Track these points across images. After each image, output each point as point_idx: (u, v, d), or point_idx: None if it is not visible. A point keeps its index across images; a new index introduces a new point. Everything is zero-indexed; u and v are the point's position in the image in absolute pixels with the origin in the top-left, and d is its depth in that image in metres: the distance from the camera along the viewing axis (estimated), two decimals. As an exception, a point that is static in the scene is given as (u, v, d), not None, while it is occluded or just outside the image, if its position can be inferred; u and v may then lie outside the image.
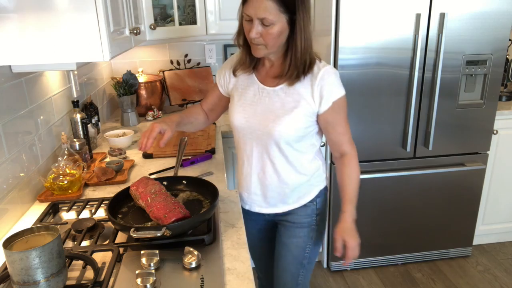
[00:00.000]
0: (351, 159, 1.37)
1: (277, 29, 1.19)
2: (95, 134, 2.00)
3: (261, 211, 1.48)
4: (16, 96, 1.40)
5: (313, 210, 1.45)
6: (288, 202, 1.44)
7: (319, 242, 1.52)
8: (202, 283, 0.98)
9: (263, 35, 1.21)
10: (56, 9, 1.18)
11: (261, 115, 1.32)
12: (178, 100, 2.58)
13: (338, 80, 1.30)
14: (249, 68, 1.37)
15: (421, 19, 2.12)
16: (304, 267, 1.51)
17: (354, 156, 1.38)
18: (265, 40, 1.22)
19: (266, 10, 1.17)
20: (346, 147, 1.37)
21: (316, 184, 1.45)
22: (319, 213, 1.47)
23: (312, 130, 1.35)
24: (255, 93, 1.35)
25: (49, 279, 0.91)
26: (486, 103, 2.35)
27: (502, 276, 2.54)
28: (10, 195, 1.31)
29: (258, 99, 1.34)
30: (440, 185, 2.47)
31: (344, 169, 1.37)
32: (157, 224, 1.15)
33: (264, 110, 1.32)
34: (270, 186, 1.41)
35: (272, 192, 1.42)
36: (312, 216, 1.46)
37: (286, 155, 1.35)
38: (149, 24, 2.13)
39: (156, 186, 1.24)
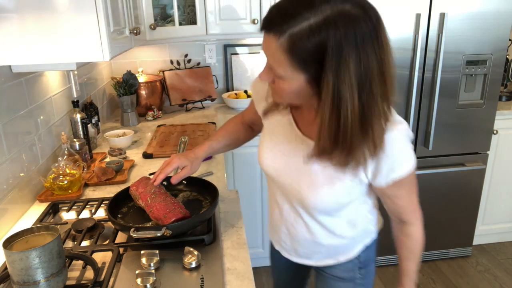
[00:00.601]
0: (414, 230, 1.08)
1: (289, 86, 0.85)
2: (95, 134, 2.00)
3: (291, 259, 1.24)
4: (16, 96, 1.40)
5: (355, 265, 1.18)
6: (324, 259, 1.19)
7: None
8: (202, 283, 0.98)
9: (276, 85, 0.88)
10: (56, 9, 1.18)
11: (293, 174, 1.02)
12: (178, 100, 2.58)
13: (406, 151, 0.92)
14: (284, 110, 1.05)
15: (421, 19, 2.12)
16: None
17: (418, 227, 1.08)
18: (278, 93, 0.90)
19: (273, 57, 0.82)
20: (407, 216, 1.06)
21: (360, 241, 1.16)
22: (364, 266, 1.20)
23: (360, 195, 1.04)
24: (290, 140, 1.03)
25: (49, 279, 0.91)
26: (486, 103, 2.35)
27: (502, 276, 2.54)
28: (10, 195, 1.31)
29: (293, 149, 1.03)
30: (440, 185, 2.46)
31: (403, 239, 1.10)
32: (157, 224, 1.15)
33: (298, 168, 1.01)
34: (301, 242, 1.16)
35: (304, 248, 1.17)
36: (355, 271, 1.19)
37: (323, 222, 1.09)
38: (149, 24, 2.13)
39: (155, 186, 1.24)
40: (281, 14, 0.78)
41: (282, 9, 0.79)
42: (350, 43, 0.75)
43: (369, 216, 1.14)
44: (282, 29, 0.77)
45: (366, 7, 0.79)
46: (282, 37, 0.77)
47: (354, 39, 0.75)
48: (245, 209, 1.45)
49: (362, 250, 1.17)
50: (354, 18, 0.76)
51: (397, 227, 1.11)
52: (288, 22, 0.76)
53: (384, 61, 0.80)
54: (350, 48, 0.75)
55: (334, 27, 0.75)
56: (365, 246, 1.18)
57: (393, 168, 0.92)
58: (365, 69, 0.78)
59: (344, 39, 0.75)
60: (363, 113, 0.80)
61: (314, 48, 0.76)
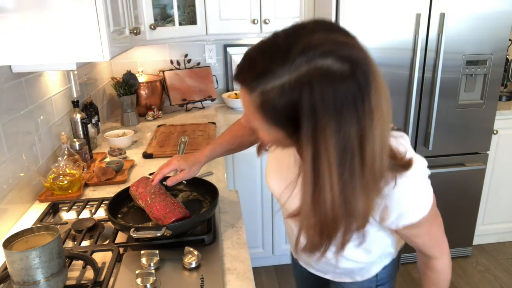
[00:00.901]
0: (440, 264, 0.98)
1: (268, 138, 0.78)
2: (95, 134, 2.00)
3: (308, 269, 1.19)
4: (16, 96, 1.40)
5: (372, 282, 1.12)
6: (340, 277, 1.13)
7: None
8: (202, 283, 0.98)
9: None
10: (56, 9, 1.18)
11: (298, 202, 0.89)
12: (178, 100, 2.58)
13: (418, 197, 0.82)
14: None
15: (421, 19, 2.12)
16: None
17: (444, 261, 0.98)
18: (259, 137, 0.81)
19: (247, 109, 0.74)
20: (430, 251, 0.97)
21: (378, 262, 1.08)
22: (382, 283, 1.13)
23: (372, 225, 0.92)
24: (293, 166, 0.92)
25: (49, 279, 0.91)
26: (486, 103, 2.35)
27: (502, 276, 2.54)
28: (10, 195, 1.31)
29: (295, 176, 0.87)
30: (440, 185, 2.45)
31: (427, 272, 1.01)
32: (157, 224, 1.15)
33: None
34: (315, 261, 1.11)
35: (319, 266, 1.14)
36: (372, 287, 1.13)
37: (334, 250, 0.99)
38: (149, 24, 2.13)
39: (155, 186, 1.24)
40: (251, 69, 0.69)
41: (253, 64, 0.69)
42: (327, 108, 0.64)
43: (387, 240, 1.03)
44: (252, 86, 0.68)
45: (354, 62, 0.66)
46: (253, 94, 0.68)
47: (332, 102, 0.64)
48: (245, 209, 1.45)
49: (380, 270, 1.10)
50: (334, 77, 0.64)
51: (421, 259, 1.02)
52: (259, 79, 0.67)
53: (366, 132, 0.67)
54: (327, 113, 0.64)
55: (308, 87, 0.63)
56: (384, 266, 1.10)
57: (401, 215, 0.82)
58: (345, 140, 0.66)
59: (320, 102, 0.63)
60: (345, 193, 0.70)
61: (286, 108, 0.66)
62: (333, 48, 0.65)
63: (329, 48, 0.65)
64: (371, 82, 0.67)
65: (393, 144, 0.78)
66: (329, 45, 0.65)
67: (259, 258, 2.53)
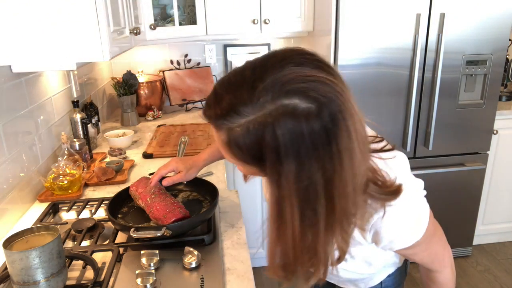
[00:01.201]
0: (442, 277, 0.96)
1: (244, 170, 0.76)
2: (95, 134, 2.00)
3: None
4: (16, 96, 1.40)
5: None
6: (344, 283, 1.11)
7: None
8: (202, 283, 0.98)
9: None
10: (56, 9, 1.18)
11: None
12: (178, 100, 2.58)
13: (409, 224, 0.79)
14: None
15: (421, 19, 2.12)
16: None
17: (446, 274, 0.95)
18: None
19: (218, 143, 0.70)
20: (431, 266, 0.95)
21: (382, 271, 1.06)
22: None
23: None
24: None
25: (49, 279, 0.91)
26: (486, 103, 2.35)
27: (502, 276, 2.54)
28: (10, 195, 1.31)
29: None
30: (440, 185, 2.46)
31: (429, 284, 1.00)
32: (157, 224, 1.15)
33: None
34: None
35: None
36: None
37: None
38: (149, 24, 2.13)
39: (155, 187, 1.24)
40: (217, 106, 0.65)
41: (219, 100, 0.65)
42: (290, 150, 0.61)
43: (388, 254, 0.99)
44: (218, 124, 0.66)
45: (321, 102, 0.61)
46: (220, 131, 0.66)
47: (296, 145, 0.61)
48: (245, 209, 1.45)
49: (384, 278, 1.07)
50: (299, 118, 0.60)
51: (423, 270, 0.99)
52: (224, 117, 0.64)
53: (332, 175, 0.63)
54: (289, 155, 0.61)
55: (271, 128, 0.61)
56: (388, 274, 1.06)
57: (393, 241, 0.80)
58: (308, 183, 0.63)
59: (283, 144, 0.61)
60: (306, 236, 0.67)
61: (252, 148, 0.64)
62: (300, 85, 0.61)
63: (296, 86, 0.61)
64: (340, 121, 0.62)
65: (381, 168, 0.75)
66: (296, 82, 0.61)
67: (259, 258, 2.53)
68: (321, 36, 2.28)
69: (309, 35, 2.52)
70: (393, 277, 1.07)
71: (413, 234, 0.81)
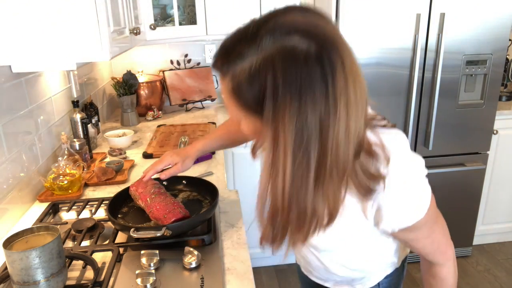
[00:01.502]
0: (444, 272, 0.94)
1: (247, 128, 0.76)
2: (95, 134, 2.00)
3: (309, 276, 1.14)
4: (16, 96, 1.40)
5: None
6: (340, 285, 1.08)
7: None
8: (202, 283, 0.98)
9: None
10: (56, 9, 1.18)
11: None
12: (178, 100, 2.58)
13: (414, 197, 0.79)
14: None
15: (421, 19, 2.12)
16: None
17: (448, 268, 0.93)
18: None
19: (224, 96, 0.73)
20: (433, 258, 0.93)
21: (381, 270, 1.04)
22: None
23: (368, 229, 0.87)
24: None
25: (49, 279, 0.91)
26: (486, 103, 2.35)
27: (502, 276, 2.54)
28: (10, 195, 1.31)
29: None
30: (440, 185, 2.46)
31: (429, 279, 0.97)
32: (157, 224, 1.15)
33: None
34: (315, 269, 1.06)
35: (318, 274, 1.08)
36: None
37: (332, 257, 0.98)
38: (149, 24, 2.13)
39: (155, 187, 1.24)
40: (224, 55, 0.69)
41: (225, 49, 0.69)
42: (288, 89, 0.62)
43: (387, 250, 0.98)
44: (224, 71, 0.69)
45: (321, 43, 0.62)
46: (226, 78, 0.69)
47: (294, 84, 0.62)
48: (245, 209, 1.45)
49: (382, 279, 1.04)
50: (298, 58, 0.62)
51: (423, 263, 0.97)
52: (229, 63, 0.67)
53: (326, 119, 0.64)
54: (287, 95, 0.62)
55: (272, 68, 0.62)
56: (386, 275, 1.04)
57: (395, 218, 0.80)
58: (303, 125, 0.63)
59: (282, 83, 0.62)
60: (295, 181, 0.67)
61: (255, 91, 0.65)
62: (301, 26, 0.63)
63: (297, 26, 0.63)
64: (338, 67, 0.63)
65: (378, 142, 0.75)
66: (297, 24, 0.63)
67: (259, 258, 2.53)
68: (321, 36, 2.28)
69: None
70: (391, 279, 1.06)
71: (416, 211, 0.79)
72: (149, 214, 1.18)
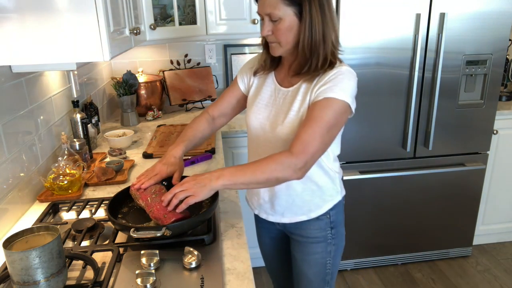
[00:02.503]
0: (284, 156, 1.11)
1: (286, 24, 1.14)
2: (95, 134, 2.00)
3: (268, 218, 1.40)
4: (16, 96, 1.40)
5: (326, 224, 1.35)
6: (297, 213, 1.34)
7: (339, 255, 1.42)
8: (202, 283, 0.98)
9: (274, 32, 1.17)
10: (56, 9, 1.18)
11: (273, 117, 1.26)
12: (178, 100, 2.58)
13: (348, 85, 1.16)
14: (270, 69, 1.32)
15: (421, 19, 2.12)
16: (328, 284, 1.41)
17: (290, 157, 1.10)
18: (277, 37, 1.17)
19: (270, 5, 1.13)
20: (294, 144, 1.12)
21: (329, 199, 1.33)
22: (334, 226, 1.36)
23: None
24: (271, 94, 1.29)
25: (49, 279, 0.91)
26: (486, 103, 2.35)
27: (502, 276, 2.54)
28: (10, 195, 1.31)
29: (274, 100, 1.28)
30: (440, 185, 2.46)
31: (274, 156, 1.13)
32: (157, 224, 1.15)
33: (276, 112, 1.26)
34: (278, 192, 1.32)
35: (280, 200, 1.33)
36: (327, 230, 1.35)
37: None
38: (149, 24, 2.13)
39: (156, 186, 1.24)
40: None
41: None
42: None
43: (333, 173, 1.32)
44: None
45: None
46: None
47: None
48: (245, 209, 1.45)
49: (330, 209, 1.33)
50: None
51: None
52: None
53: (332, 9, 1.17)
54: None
55: None
56: (334, 205, 1.34)
57: (330, 89, 1.14)
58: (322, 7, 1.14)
59: None
60: (323, 31, 1.15)
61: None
62: None
63: None
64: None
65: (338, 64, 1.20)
66: None
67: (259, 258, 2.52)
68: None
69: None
70: (337, 211, 1.36)
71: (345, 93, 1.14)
72: (149, 213, 1.18)
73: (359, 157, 2.35)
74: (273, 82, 1.31)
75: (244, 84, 1.41)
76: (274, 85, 1.30)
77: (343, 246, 1.43)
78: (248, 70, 1.39)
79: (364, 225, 2.50)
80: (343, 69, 1.17)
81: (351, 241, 2.53)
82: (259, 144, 1.33)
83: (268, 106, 1.29)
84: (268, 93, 1.31)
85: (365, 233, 2.53)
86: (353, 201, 2.40)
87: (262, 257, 1.66)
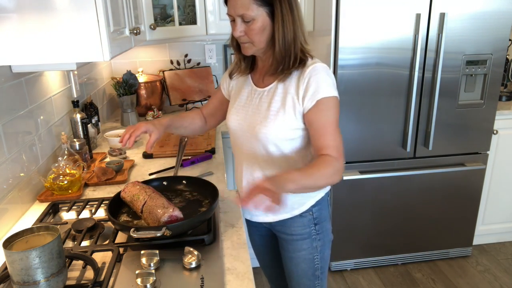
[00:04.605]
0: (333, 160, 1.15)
1: (259, 24, 1.16)
2: (95, 134, 2.00)
3: (253, 219, 1.44)
4: (16, 96, 1.40)
5: (310, 220, 1.37)
6: (281, 214, 1.36)
7: (327, 249, 1.44)
8: (202, 283, 0.98)
9: (247, 33, 1.18)
10: (56, 9, 1.18)
11: (250, 118, 1.28)
12: (178, 100, 2.58)
13: (329, 79, 1.21)
14: (245, 71, 1.34)
15: (421, 19, 2.12)
16: (319, 278, 1.45)
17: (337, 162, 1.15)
18: (250, 38, 1.19)
19: (243, 6, 1.14)
20: (329, 151, 1.17)
21: (311, 196, 1.36)
22: (318, 222, 1.38)
23: (302, 134, 1.26)
24: (248, 95, 1.32)
25: (49, 279, 0.91)
26: (486, 103, 2.35)
27: (502, 276, 2.54)
28: (10, 195, 1.31)
29: (250, 101, 1.31)
30: (440, 185, 2.46)
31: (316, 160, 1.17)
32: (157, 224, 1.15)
33: (253, 112, 1.28)
34: None
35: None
36: (310, 226, 1.37)
37: (275, 162, 1.28)
38: (149, 24, 2.13)
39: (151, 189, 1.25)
40: None
41: None
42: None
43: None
44: None
45: None
46: None
47: None
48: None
49: (313, 205, 1.36)
50: None
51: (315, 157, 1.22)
52: None
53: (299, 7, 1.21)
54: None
55: None
56: (316, 201, 1.36)
57: (317, 89, 1.17)
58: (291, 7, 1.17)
59: None
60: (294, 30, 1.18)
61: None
62: None
63: None
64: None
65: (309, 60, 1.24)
66: None
67: (259, 258, 2.52)
68: (321, 36, 2.28)
69: (309, 35, 2.51)
70: (321, 207, 1.38)
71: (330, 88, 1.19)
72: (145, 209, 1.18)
73: (359, 157, 2.34)
74: (250, 83, 1.34)
75: (224, 89, 1.45)
76: (251, 86, 1.33)
77: (330, 240, 1.45)
78: (227, 74, 1.43)
79: (364, 225, 2.50)
80: (317, 65, 1.20)
81: (351, 241, 2.53)
82: (242, 143, 1.34)
83: (245, 107, 1.32)
84: (245, 95, 1.33)
85: (365, 233, 2.53)
86: (353, 201, 2.40)
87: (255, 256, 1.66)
